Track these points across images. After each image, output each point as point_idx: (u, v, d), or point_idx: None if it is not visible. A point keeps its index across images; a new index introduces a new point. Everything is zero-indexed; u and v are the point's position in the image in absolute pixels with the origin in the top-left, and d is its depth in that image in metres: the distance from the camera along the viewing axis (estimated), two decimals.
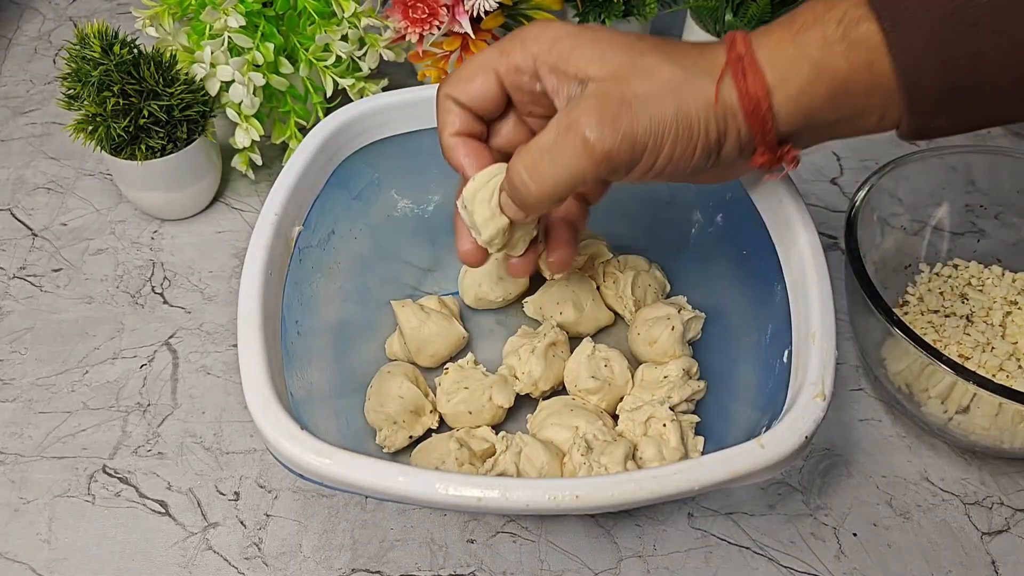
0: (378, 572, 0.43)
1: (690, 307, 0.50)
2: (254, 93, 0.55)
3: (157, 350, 0.52)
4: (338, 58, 0.57)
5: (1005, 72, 0.30)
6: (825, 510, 0.45)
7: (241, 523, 0.45)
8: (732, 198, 0.47)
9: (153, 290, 0.56)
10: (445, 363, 0.50)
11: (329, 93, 0.58)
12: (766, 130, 0.33)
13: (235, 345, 0.52)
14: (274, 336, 0.41)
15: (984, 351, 0.48)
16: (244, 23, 0.54)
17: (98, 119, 0.53)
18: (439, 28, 0.58)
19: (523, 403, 0.48)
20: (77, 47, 0.52)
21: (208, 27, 0.55)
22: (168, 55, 0.54)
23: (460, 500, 0.33)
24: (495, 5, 0.57)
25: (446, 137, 0.39)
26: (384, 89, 0.60)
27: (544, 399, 0.48)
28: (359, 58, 0.58)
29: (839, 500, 0.46)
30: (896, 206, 0.52)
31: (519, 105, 0.38)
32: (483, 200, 0.38)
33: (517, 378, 0.47)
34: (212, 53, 0.55)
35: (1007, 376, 0.48)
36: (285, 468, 0.36)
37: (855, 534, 0.44)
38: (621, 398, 0.47)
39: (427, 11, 0.57)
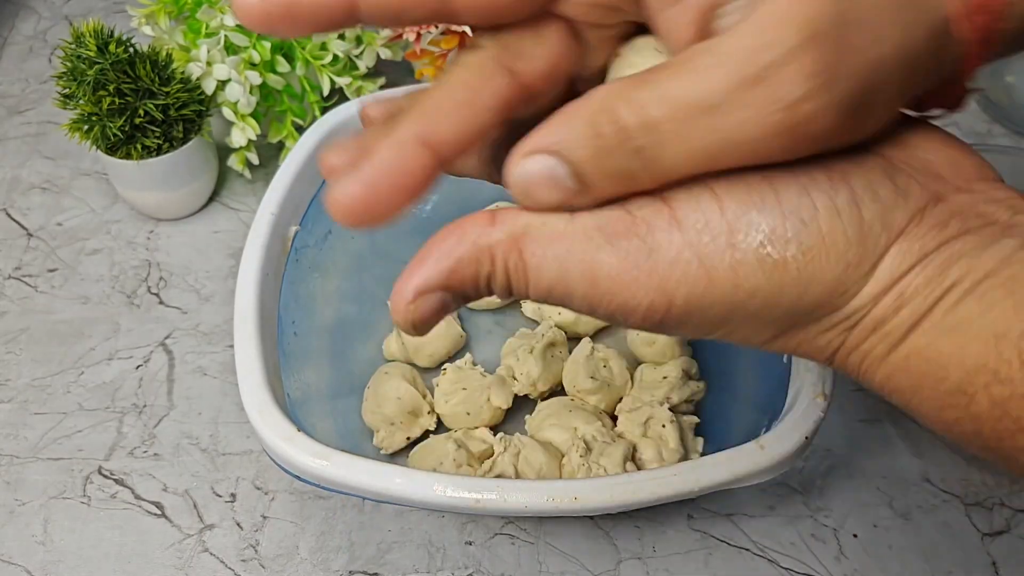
0: (376, 574, 0.43)
1: None
2: (250, 92, 0.55)
3: (153, 351, 0.52)
4: (335, 56, 0.57)
5: None
6: (825, 511, 0.45)
7: (238, 525, 0.45)
8: None
9: (149, 290, 0.55)
10: (443, 363, 0.49)
11: (326, 92, 0.57)
12: (992, 31, 0.21)
13: (231, 346, 0.52)
14: (271, 337, 0.40)
15: None
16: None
17: (94, 118, 0.52)
18: (437, 26, 0.57)
19: (521, 404, 0.48)
20: (73, 46, 0.52)
21: (204, 25, 0.55)
22: (164, 54, 0.54)
23: (458, 501, 0.33)
24: None
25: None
26: (381, 88, 0.59)
27: (543, 400, 0.47)
28: (356, 56, 0.58)
29: (839, 501, 0.45)
30: None
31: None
32: None
33: (515, 379, 0.47)
34: (208, 52, 0.54)
35: None
36: (282, 470, 0.36)
37: (855, 535, 0.44)
38: (620, 399, 0.47)
39: None
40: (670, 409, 0.44)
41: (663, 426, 0.43)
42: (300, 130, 0.58)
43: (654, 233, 0.20)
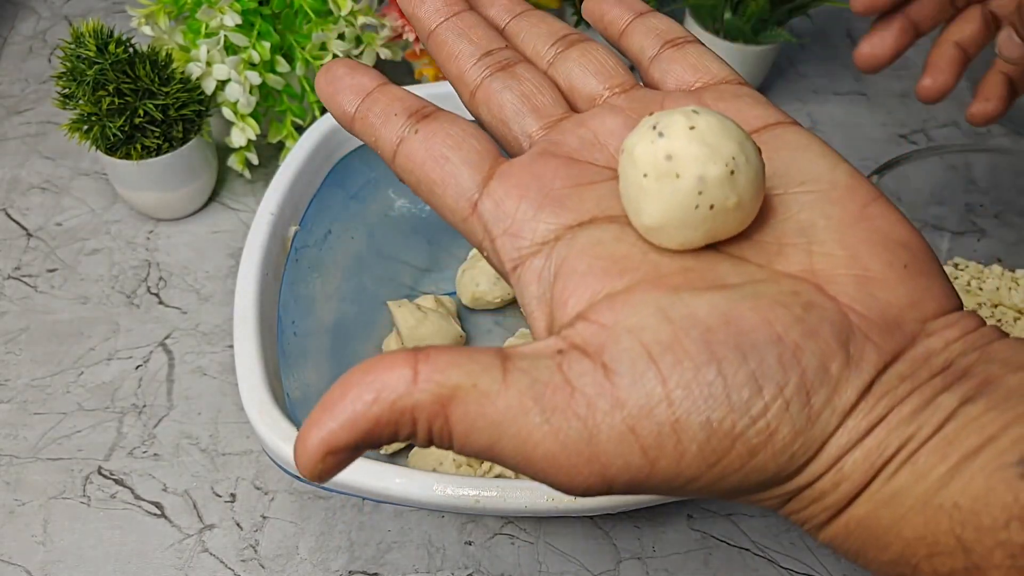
0: (376, 574, 0.43)
1: None
2: (250, 92, 0.55)
3: (153, 351, 0.52)
4: (335, 56, 0.57)
5: None
6: None
7: (237, 525, 0.45)
8: None
9: (148, 290, 0.55)
10: None
11: None
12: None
13: (231, 346, 0.52)
14: (270, 337, 0.40)
15: None
16: (240, 21, 0.53)
17: (93, 118, 0.52)
18: None
19: None
20: (72, 46, 0.52)
21: (204, 25, 0.55)
22: (164, 54, 0.54)
23: (458, 501, 0.33)
24: None
25: None
26: None
27: None
28: (356, 56, 0.58)
29: None
30: (896, 205, 0.51)
31: None
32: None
33: None
34: (208, 52, 0.54)
35: None
36: (282, 470, 0.36)
37: None
38: None
39: None
40: None
41: None
42: (300, 130, 0.58)
43: (594, 414, 0.19)
